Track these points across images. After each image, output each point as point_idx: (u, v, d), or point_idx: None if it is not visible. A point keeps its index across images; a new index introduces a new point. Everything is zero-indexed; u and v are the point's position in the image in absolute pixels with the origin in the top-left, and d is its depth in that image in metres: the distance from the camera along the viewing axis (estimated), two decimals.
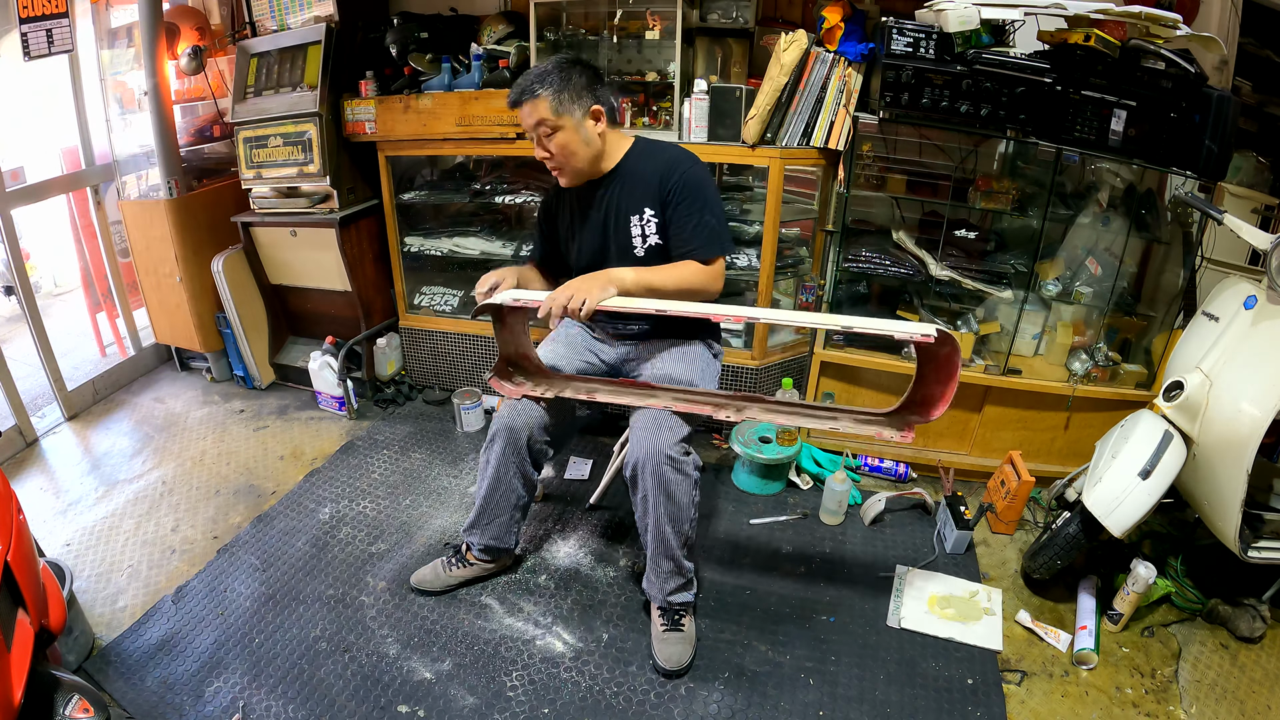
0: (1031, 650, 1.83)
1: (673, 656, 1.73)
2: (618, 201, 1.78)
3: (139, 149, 2.88)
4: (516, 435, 1.78)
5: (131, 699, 1.69)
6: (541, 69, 1.68)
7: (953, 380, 1.58)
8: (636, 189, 1.76)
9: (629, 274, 1.68)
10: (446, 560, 2.00)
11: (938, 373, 1.62)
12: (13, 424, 2.68)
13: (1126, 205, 2.26)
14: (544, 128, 1.68)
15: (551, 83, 1.65)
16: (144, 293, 3.12)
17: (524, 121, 1.71)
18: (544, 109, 1.66)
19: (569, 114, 1.67)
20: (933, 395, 1.65)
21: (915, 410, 1.70)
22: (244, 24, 2.79)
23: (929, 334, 1.49)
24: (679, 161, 1.75)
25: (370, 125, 2.63)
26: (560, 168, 1.75)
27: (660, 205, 1.74)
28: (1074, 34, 1.93)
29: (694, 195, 1.72)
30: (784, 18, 2.52)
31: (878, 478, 2.49)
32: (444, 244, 2.85)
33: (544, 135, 1.69)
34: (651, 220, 1.76)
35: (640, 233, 1.77)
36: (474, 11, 2.74)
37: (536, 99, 1.65)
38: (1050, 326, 2.37)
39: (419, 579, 1.98)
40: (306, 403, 3.01)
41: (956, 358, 1.55)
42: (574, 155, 1.72)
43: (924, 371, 1.65)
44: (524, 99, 1.67)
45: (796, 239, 2.64)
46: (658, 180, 1.73)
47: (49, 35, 2.50)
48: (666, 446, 1.62)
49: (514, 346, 1.86)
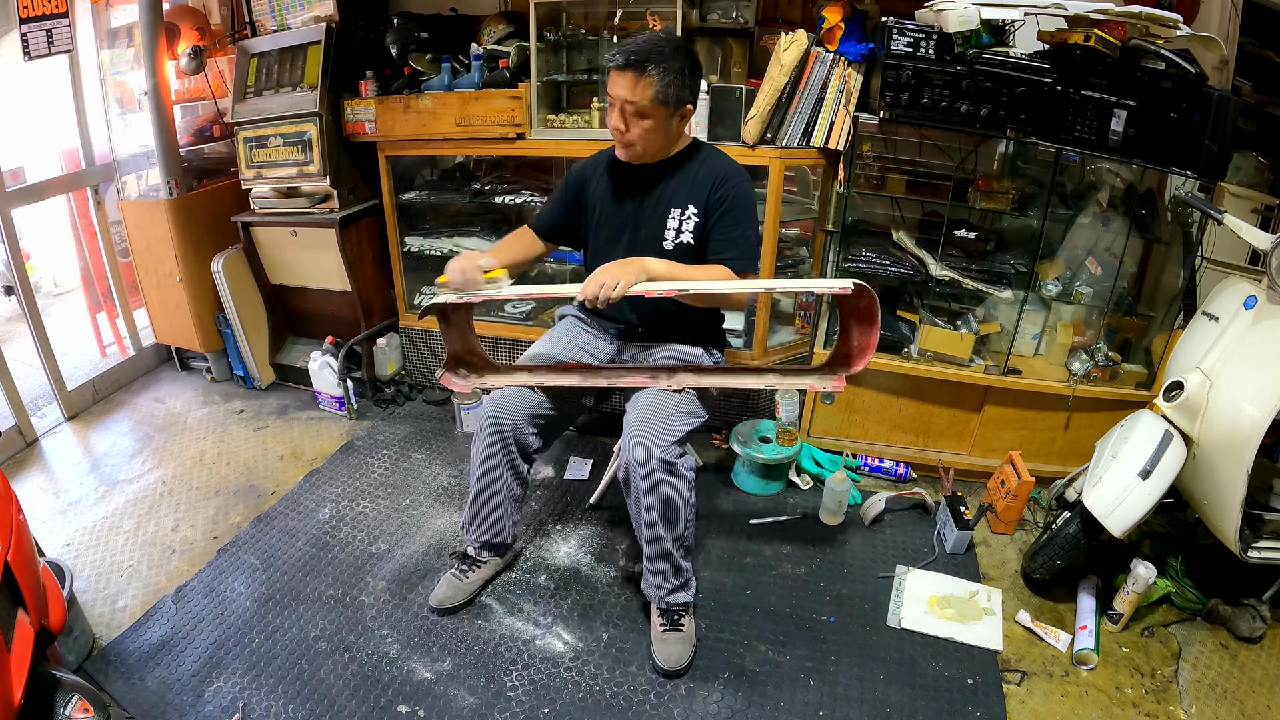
0: (1031, 650, 1.83)
1: (671, 657, 1.73)
2: (663, 190, 1.78)
3: (139, 149, 2.88)
4: (502, 427, 1.77)
5: (131, 699, 1.69)
6: (661, 45, 1.60)
7: (874, 329, 1.68)
8: (686, 184, 1.77)
9: (661, 265, 1.67)
10: (458, 571, 1.95)
11: (860, 324, 1.73)
12: (13, 424, 2.68)
13: (1126, 205, 2.26)
14: (634, 107, 1.63)
15: (666, 68, 1.59)
16: (144, 293, 3.12)
17: (615, 88, 1.63)
18: (646, 91, 1.60)
19: (666, 106, 1.63)
20: (858, 346, 1.75)
21: (843, 362, 1.80)
22: (244, 24, 2.79)
23: (846, 286, 1.58)
24: (736, 173, 1.76)
25: (370, 125, 2.63)
26: (630, 144, 1.71)
27: (706, 207, 1.75)
28: (1074, 34, 1.93)
29: (742, 209, 1.74)
30: (784, 18, 2.52)
31: (878, 478, 2.48)
32: (444, 244, 2.85)
33: (629, 112, 1.64)
34: (692, 218, 1.76)
35: (676, 226, 1.77)
36: (474, 11, 2.74)
37: (644, 77, 1.59)
38: (1050, 326, 2.37)
39: (439, 600, 1.91)
40: (306, 403, 3.01)
41: (875, 307, 1.64)
42: (649, 142, 1.70)
43: (847, 324, 1.78)
44: (630, 68, 1.59)
45: (796, 239, 2.64)
46: (710, 183, 1.74)
47: (49, 35, 2.50)
48: (658, 449, 1.61)
49: (460, 344, 1.89)
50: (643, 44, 1.61)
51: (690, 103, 1.69)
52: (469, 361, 1.92)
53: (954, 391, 2.37)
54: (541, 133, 2.51)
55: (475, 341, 1.91)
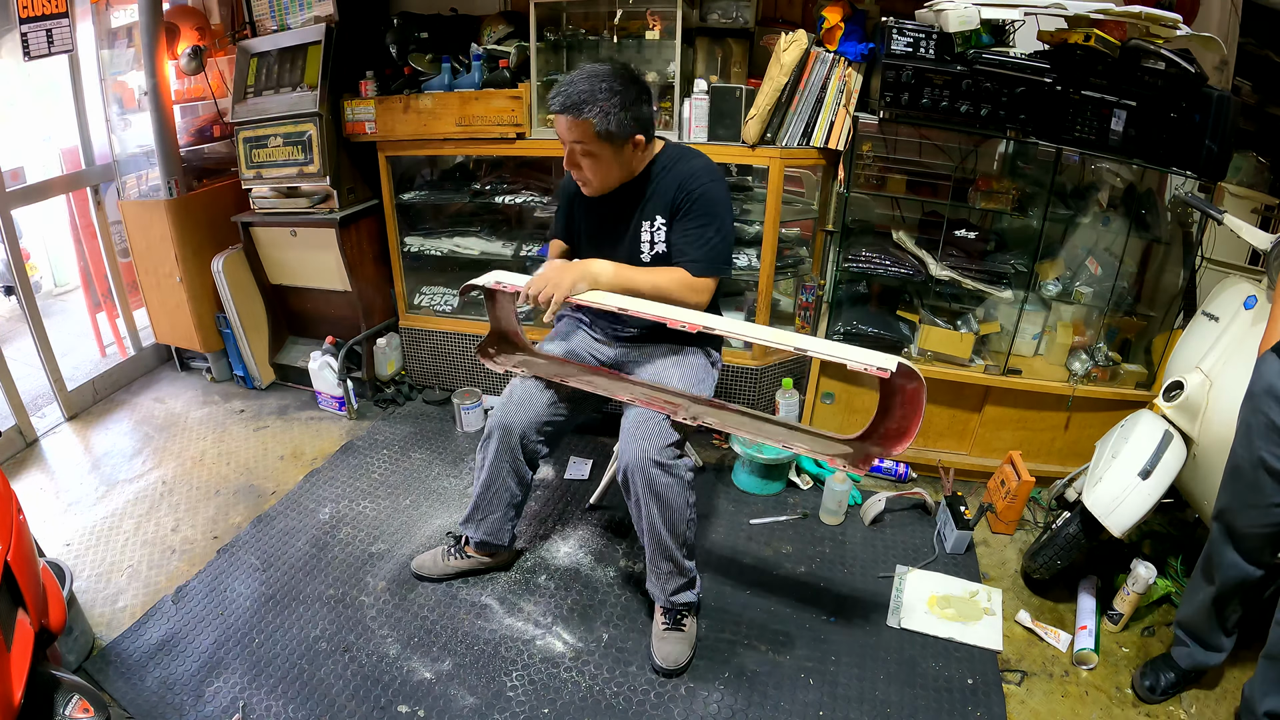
0: (1031, 650, 1.83)
1: (670, 655, 1.73)
2: (634, 208, 1.77)
3: (139, 149, 2.88)
4: (510, 434, 1.78)
5: (131, 699, 1.69)
6: (593, 84, 1.58)
7: (917, 415, 1.45)
8: (654, 197, 1.74)
9: (608, 269, 1.68)
10: (447, 549, 2.03)
11: (902, 406, 1.50)
12: (13, 424, 2.68)
13: (1126, 205, 2.26)
14: (580, 147, 1.63)
15: (600, 106, 1.57)
16: (144, 293, 3.12)
17: (561, 132, 1.64)
18: (586, 132, 1.60)
19: (610, 142, 1.62)
20: (896, 429, 1.53)
21: (879, 441, 1.58)
22: (244, 24, 2.79)
23: (886, 367, 1.34)
24: (699, 174, 1.72)
25: (370, 125, 2.63)
26: (586, 182, 1.71)
27: (670, 213, 1.73)
28: (1074, 34, 1.94)
29: (706, 210, 1.69)
30: (784, 18, 2.52)
31: (878, 478, 2.48)
32: (444, 244, 2.85)
33: (578, 152, 1.65)
34: (661, 228, 1.75)
35: (650, 239, 1.76)
36: (474, 11, 2.74)
37: (581, 119, 1.58)
38: (1050, 326, 2.37)
39: (419, 564, 2.02)
40: (306, 403, 3.01)
41: (921, 392, 1.42)
42: (605, 176, 1.69)
43: (888, 404, 1.54)
44: (567, 111, 1.59)
45: (797, 239, 2.64)
46: (675, 186, 1.71)
47: (49, 35, 2.50)
48: (654, 451, 1.61)
49: (502, 323, 1.92)
50: (579, 83, 1.58)
51: (639, 131, 1.64)
52: (510, 342, 1.96)
53: (954, 391, 2.37)
54: (541, 133, 2.51)
55: (516, 324, 1.93)
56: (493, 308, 1.90)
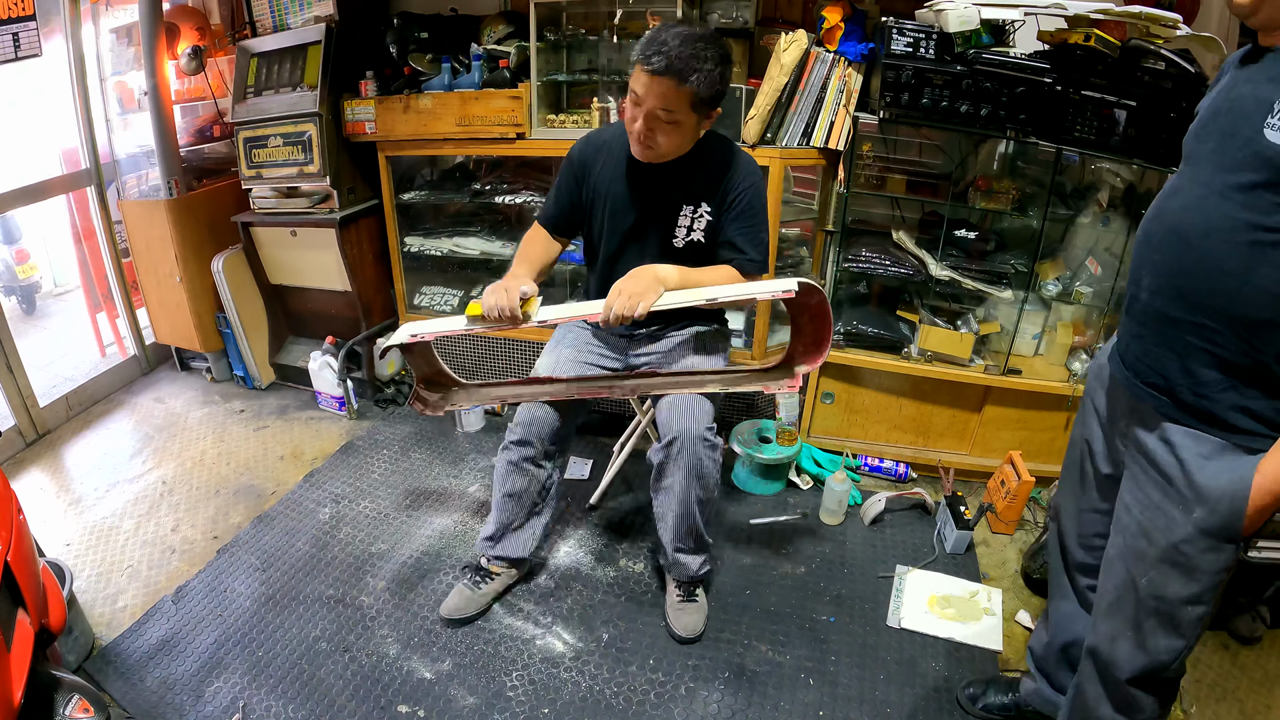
0: None
1: (689, 625, 1.77)
2: (675, 186, 1.70)
3: (139, 149, 2.88)
4: (528, 443, 1.77)
5: (131, 699, 1.69)
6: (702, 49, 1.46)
7: (827, 325, 1.64)
8: (698, 180, 1.69)
9: (674, 274, 1.62)
10: (470, 581, 1.91)
11: (812, 320, 1.69)
12: (13, 424, 2.68)
13: (1126, 205, 2.25)
14: (668, 114, 1.52)
15: (705, 74, 1.47)
16: (144, 293, 3.12)
17: (647, 92, 1.50)
18: (683, 101, 1.50)
19: (698, 111, 1.54)
20: (811, 342, 1.73)
21: (801, 359, 1.77)
22: (244, 24, 2.79)
23: (790, 289, 1.52)
24: (752, 170, 1.69)
25: (370, 125, 2.63)
26: (650, 145, 1.59)
27: (719, 206, 1.69)
28: (1074, 34, 1.94)
29: (758, 208, 1.70)
30: (784, 18, 2.52)
31: (878, 478, 2.48)
32: (444, 244, 2.85)
33: (662, 119, 1.53)
34: (704, 216, 1.70)
35: (687, 225, 1.71)
36: (474, 11, 2.73)
37: (684, 86, 1.47)
38: (1050, 326, 2.37)
39: (450, 609, 1.87)
40: (306, 403, 3.01)
41: (826, 303, 1.60)
42: (679, 146, 1.62)
43: (799, 323, 1.74)
44: (669, 75, 1.45)
45: (797, 239, 2.64)
46: (724, 179, 1.66)
47: (15, 40, 2.42)
48: (702, 429, 1.63)
49: (427, 368, 1.89)
50: (681, 46, 1.46)
51: (721, 104, 1.59)
52: (438, 383, 1.91)
53: (954, 391, 2.37)
54: (541, 133, 2.51)
55: (438, 362, 1.88)
56: (412, 359, 1.86)
